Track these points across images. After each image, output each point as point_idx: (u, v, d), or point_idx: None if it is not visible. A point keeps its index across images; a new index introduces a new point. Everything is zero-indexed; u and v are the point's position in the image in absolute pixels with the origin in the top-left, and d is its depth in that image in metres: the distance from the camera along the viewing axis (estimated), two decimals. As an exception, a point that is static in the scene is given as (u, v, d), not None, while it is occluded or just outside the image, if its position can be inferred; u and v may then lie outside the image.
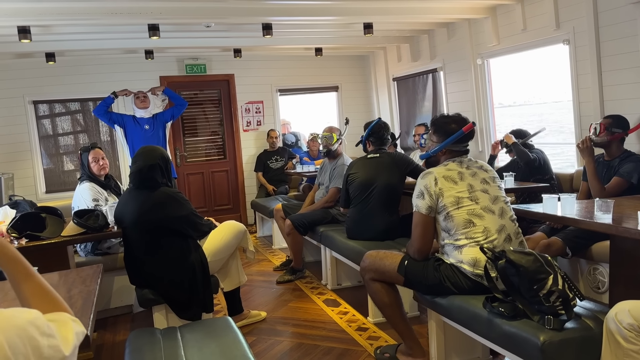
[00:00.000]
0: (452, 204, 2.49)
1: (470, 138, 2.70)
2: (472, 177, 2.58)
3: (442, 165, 2.64)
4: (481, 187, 2.56)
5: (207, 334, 2.38)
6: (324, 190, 4.78)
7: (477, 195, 2.52)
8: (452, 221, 2.49)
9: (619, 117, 3.66)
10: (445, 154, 2.70)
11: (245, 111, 7.45)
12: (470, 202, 2.50)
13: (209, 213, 7.03)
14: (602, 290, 3.39)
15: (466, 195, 2.51)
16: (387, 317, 2.89)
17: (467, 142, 2.71)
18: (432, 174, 2.57)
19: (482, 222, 2.47)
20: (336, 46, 6.91)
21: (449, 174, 2.56)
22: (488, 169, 2.69)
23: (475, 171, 2.61)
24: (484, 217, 2.48)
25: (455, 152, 2.68)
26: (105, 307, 3.93)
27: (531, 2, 4.81)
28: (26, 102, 6.41)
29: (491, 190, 2.57)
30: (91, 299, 2.04)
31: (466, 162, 2.65)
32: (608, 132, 3.57)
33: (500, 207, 2.54)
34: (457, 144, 2.66)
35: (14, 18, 4.22)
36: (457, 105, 5.91)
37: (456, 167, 2.61)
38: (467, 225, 2.47)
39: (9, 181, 5.88)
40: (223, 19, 4.99)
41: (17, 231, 3.12)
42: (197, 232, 3.20)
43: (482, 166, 2.68)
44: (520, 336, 2.09)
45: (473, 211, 2.48)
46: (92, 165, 3.99)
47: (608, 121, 3.63)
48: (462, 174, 2.58)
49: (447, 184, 2.53)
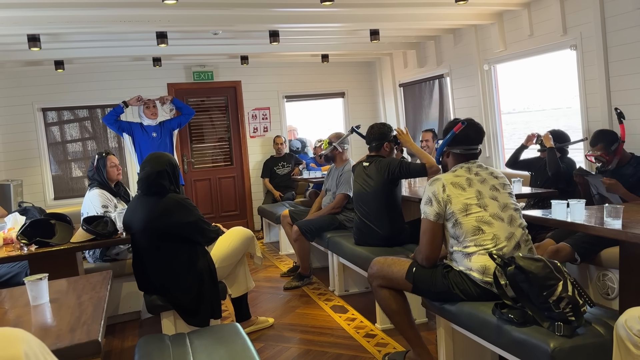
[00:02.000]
0: (460, 210, 2.48)
1: (475, 140, 2.66)
2: (480, 184, 2.56)
3: (450, 172, 2.63)
4: (490, 194, 2.54)
5: (216, 340, 2.38)
6: (331, 196, 4.78)
7: (486, 202, 2.51)
8: (460, 228, 2.48)
9: (604, 135, 3.60)
10: (450, 157, 2.69)
11: (252, 118, 7.48)
12: (479, 208, 2.48)
13: (216, 219, 7.05)
14: (612, 296, 3.37)
15: (475, 202, 2.50)
16: (395, 323, 2.88)
17: (474, 146, 2.66)
18: (440, 180, 2.57)
19: (491, 230, 2.46)
20: (342, 52, 6.93)
21: (457, 180, 2.56)
22: (498, 176, 2.66)
23: (485, 178, 2.60)
24: (493, 224, 2.47)
25: (460, 155, 2.65)
26: (114, 313, 3.95)
27: (538, 8, 4.81)
28: (35, 109, 6.47)
29: (500, 198, 2.56)
30: (101, 305, 2.05)
31: (475, 168, 2.63)
32: (611, 154, 3.54)
33: (510, 215, 2.52)
34: (456, 146, 2.64)
35: (23, 26, 4.27)
36: (464, 111, 5.92)
37: (464, 173, 2.60)
38: (475, 232, 2.46)
39: (18, 188, 5.92)
40: (230, 27, 5.03)
41: (26, 238, 3.14)
42: (205, 239, 3.21)
43: (492, 172, 2.65)
44: (530, 343, 2.08)
45: (482, 218, 2.47)
46: (111, 169, 4.03)
47: (601, 146, 3.56)
48: (471, 181, 2.57)
49: (455, 190, 2.52)
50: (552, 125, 4.60)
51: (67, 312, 2.02)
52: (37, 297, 2.13)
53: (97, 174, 4.00)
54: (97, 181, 4.00)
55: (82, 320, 1.90)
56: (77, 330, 1.80)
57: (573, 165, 4.29)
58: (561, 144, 4.28)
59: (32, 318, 2.01)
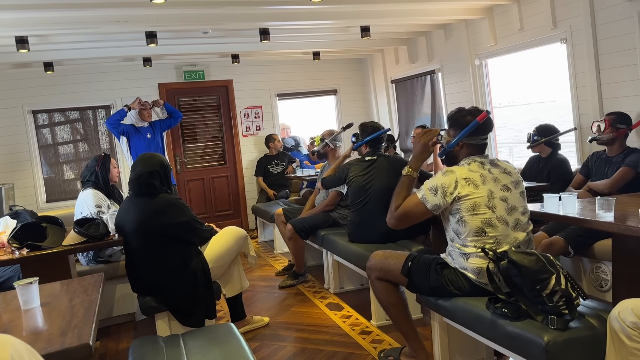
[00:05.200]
0: (467, 209, 2.42)
1: (489, 130, 2.60)
2: (493, 182, 2.47)
3: (465, 166, 2.52)
4: (501, 194, 2.45)
5: (210, 340, 2.37)
6: (325, 194, 4.77)
7: (495, 203, 2.43)
8: (464, 226, 2.44)
9: (621, 114, 3.67)
10: (463, 148, 2.59)
11: (244, 116, 7.45)
12: (486, 209, 2.41)
13: (210, 219, 7.03)
14: (606, 288, 3.38)
15: (484, 201, 2.41)
16: (392, 317, 2.88)
17: (485, 135, 2.59)
18: (454, 174, 2.47)
19: (494, 233, 2.41)
20: (334, 50, 6.92)
21: (471, 176, 2.46)
22: (512, 172, 2.56)
23: (497, 176, 2.50)
24: (497, 227, 2.41)
25: (473, 147, 2.57)
26: (108, 316, 3.93)
27: (528, 2, 4.82)
28: (25, 111, 6.42)
29: (510, 199, 2.47)
30: (93, 309, 2.03)
31: (488, 163, 2.54)
32: (613, 128, 3.58)
33: (516, 219, 2.46)
34: (474, 136, 2.55)
35: (11, 28, 4.23)
36: (456, 106, 5.86)
37: (478, 168, 2.50)
38: (478, 233, 2.41)
39: (9, 191, 5.88)
40: (220, 25, 5.01)
41: (18, 241, 3.11)
42: (198, 239, 3.19)
43: (505, 169, 2.55)
44: (524, 337, 2.08)
45: (488, 220, 2.40)
46: (114, 170, 4.04)
47: (612, 117, 3.64)
48: (485, 178, 2.46)
49: (467, 187, 2.43)
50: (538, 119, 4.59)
51: (58, 315, 2.00)
52: (28, 301, 2.11)
53: (98, 174, 3.94)
54: (91, 182, 3.97)
55: (74, 323, 1.88)
56: (68, 334, 1.79)
57: (566, 163, 4.19)
58: (549, 137, 4.17)
59: (23, 322, 1.99)
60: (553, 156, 4.21)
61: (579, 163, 4.48)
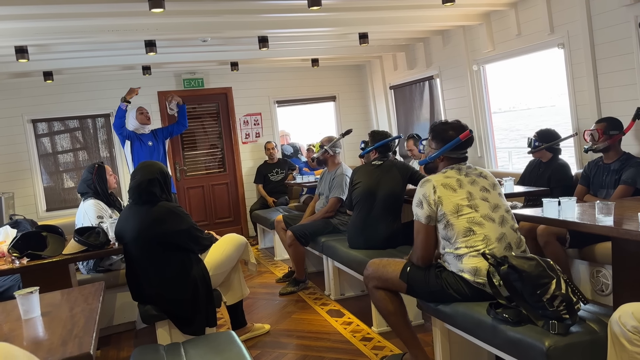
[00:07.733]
0: (451, 212, 2.49)
1: (469, 145, 2.70)
2: (471, 185, 2.57)
3: (440, 173, 2.63)
4: (481, 195, 2.55)
5: (211, 348, 2.37)
6: (324, 200, 4.78)
7: (477, 203, 2.51)
8: (452, 229, 2.49)
9: (612, 119, 3.67)
10: (443, 161, 2.70)
11: (243, 124, 7.47)
12: (470, 209, 2.49)
13: (210, 226, 7.03)
14: (606, 292, 3.38)
15: (466, 203, 2.50)
16: (392, 325, 2.88)
17: (465, 150, 2.71)
18: (431, 182, 2.57)
19: (482, 230, 2.46)
20: (332, 56, 6.94)
21: (448, 182, 2.56)
22: (488, 176, 2.67)
23: (475, 179, 2.60)
24: (484, 225, 2.47)
25: (453, 159, 2.68)
26: (109, 324, 3.92)
27: (525, 8, 4.84)
28: (25, 121, 6.44)
29: (491, 198, 2.56)
30: (93, 317, 2.03)
31: (465, 169, 2.64)
32: (606, 135, 3.58)
33: (501, 216, 2.53)
34: (455, 151, 2.66)
35: (11, 38, 4.25)
36: (455, 111, 5.93)
37: (455, 174, 2.60)
38: (467, 233, 2.46)
39: (9, 200, 5.88)
40: (219, 33, 5.02)
41: (18, 251, 3.11)
42: (198, 246, 3.19)
43: (481, 173, 2.67)
44: (525, 342, 2.08)
45: (473, 219, 2.47)
46: (110, 178, 4.04)
47: (603, 125, 3.63)
48: (461, 182, 2.57)
49: (445, 192, 2.52)
50: (539, 125, 4.58)
51: (59, 325, 2.00)
52: (28, 311, 2.11)
53: (97, 184, 3.94)
54: (91, 191, 3.96)
55: (74, 333, 1.88)
56: (69, 343, 1.78)
57: (566, 168, 4.18)
58: (550, 143, 4.17)
59: (24, 332, 1.99)
60: (554, 161, 4.20)
61: (578, 167, 4.49)
